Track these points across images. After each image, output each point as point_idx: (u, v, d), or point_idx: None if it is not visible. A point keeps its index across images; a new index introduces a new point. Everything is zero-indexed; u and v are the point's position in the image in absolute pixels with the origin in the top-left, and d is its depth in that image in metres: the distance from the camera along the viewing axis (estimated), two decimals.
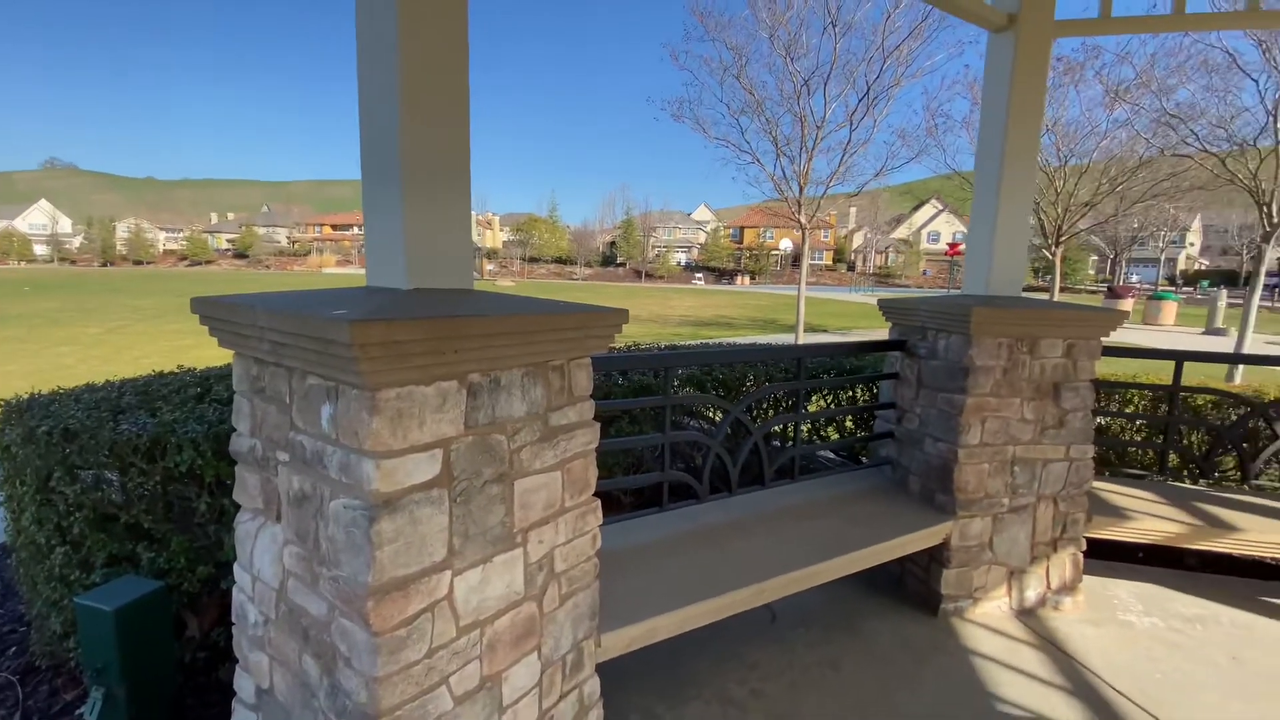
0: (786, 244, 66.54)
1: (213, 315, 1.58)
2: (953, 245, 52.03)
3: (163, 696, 2.19)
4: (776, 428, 4.13)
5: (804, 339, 14.90)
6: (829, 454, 4.76)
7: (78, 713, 2.29)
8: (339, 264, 79.58)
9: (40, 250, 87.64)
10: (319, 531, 1.42)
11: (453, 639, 1.47)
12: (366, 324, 1.17)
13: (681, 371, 4.22)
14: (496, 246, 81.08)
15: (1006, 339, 2.86)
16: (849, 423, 4.59)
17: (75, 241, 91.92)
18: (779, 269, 68.13)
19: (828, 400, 4.70)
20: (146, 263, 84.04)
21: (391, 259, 1.66)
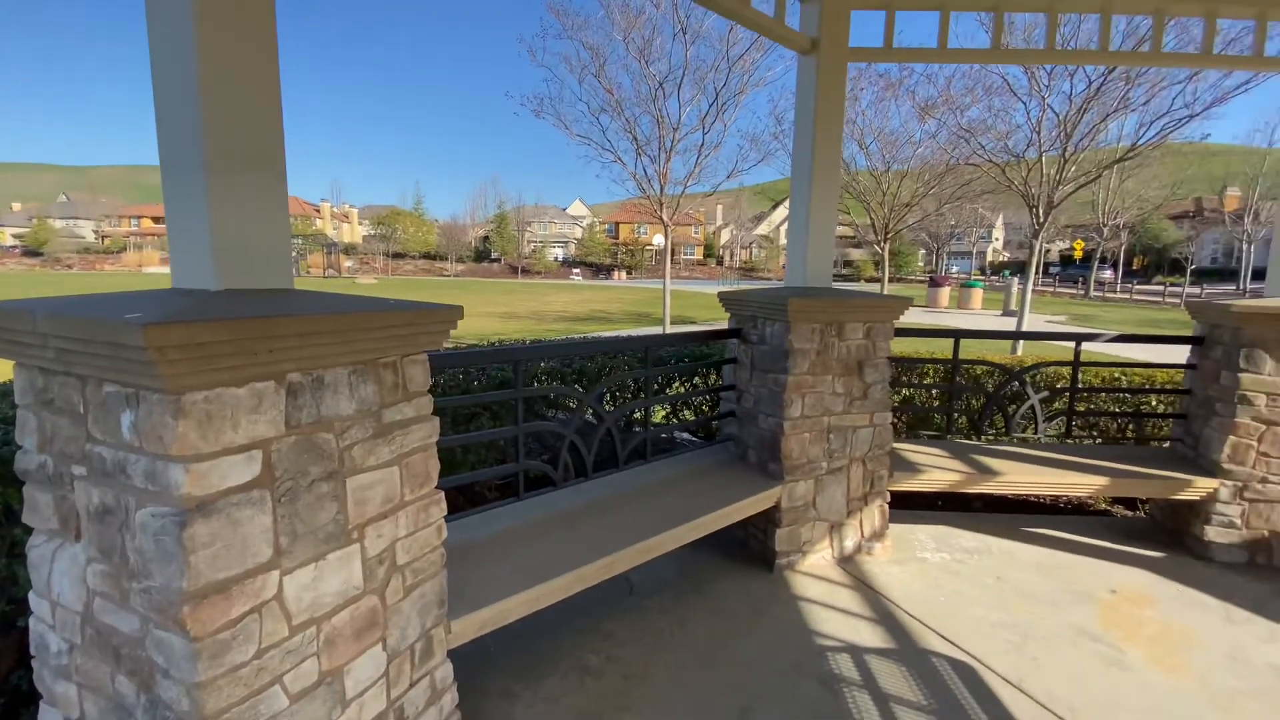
0: (659, 239, 68.50)
1: None
2: None
3: None
4: (638, 414, 4.37)
5: (671, 330, 15.53)
6: (688, 435, 5.11)
7: None
8: (164, 262, 69.69)
9: None
10: (126, 545, 1.37)
11: (285, 638, 1.48)
12: (164, 326, 1.15)
13: (544, 365, 4.33)
14: (356, 241, 75.48)
15: (819, 324, 3.28)
16: (705, 406, 4.96)
17: None
18: (654, 264, 69.93)
19: (685, 386, 5.04)
20: None
21: (198, 258, 1.57)
